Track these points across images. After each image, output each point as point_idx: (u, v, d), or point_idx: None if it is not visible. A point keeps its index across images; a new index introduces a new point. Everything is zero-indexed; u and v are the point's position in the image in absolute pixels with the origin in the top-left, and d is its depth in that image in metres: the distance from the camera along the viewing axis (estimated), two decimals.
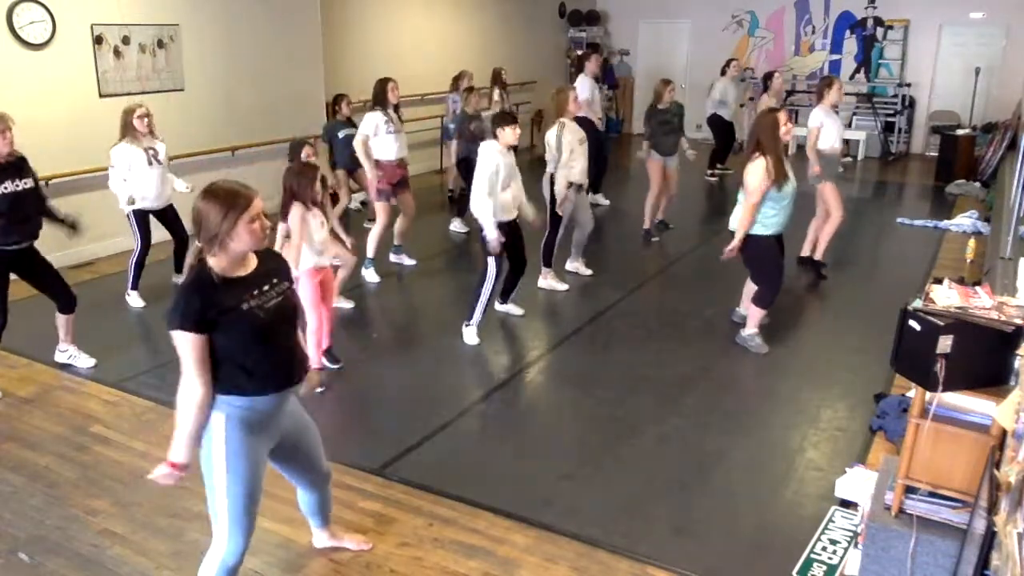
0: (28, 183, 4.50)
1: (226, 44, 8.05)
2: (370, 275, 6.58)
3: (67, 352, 4.94)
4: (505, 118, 5.28)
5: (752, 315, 5.20)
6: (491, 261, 5.27)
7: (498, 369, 5.04)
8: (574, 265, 6.74)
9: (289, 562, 3.11)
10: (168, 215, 6.00)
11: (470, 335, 5.37)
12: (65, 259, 6.39)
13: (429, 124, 10.67)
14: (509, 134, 5.18)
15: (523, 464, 3.88)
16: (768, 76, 9.71)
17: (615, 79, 14.53)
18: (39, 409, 4.37)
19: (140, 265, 5.98)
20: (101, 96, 7.02)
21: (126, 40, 7.14)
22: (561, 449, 3.99)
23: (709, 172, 10.96)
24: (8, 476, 3.71)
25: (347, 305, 5.94)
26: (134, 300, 6.03)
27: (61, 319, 4.85)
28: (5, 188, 4.36)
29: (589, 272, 6.72)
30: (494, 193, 5.12)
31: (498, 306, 5.79)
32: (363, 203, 7.21)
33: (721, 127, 10.77)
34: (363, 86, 8.97)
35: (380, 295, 6.46)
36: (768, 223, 4.93)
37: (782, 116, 4.90)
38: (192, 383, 2.36)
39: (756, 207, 4.86)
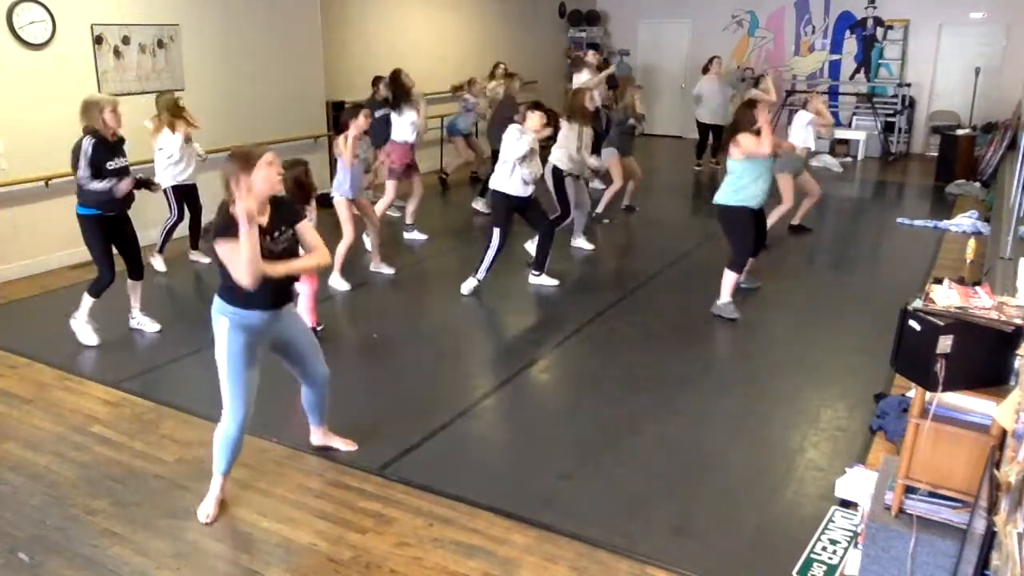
0: (125, 161, 5.02)
1: (226, 44, 8.04)
2: (413, 237, 7.79)
3: (136, 319, 5.38)
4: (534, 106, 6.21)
5: (726, 282, 5.71)
6: (496, 231, 6.13)
7: (498, 369, 5.04)
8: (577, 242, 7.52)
9: (289, 562, 3.12)
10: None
11: (467, 286, 6.20)
12: (74, 256, 6.45)
13: (429, 124, 10.61)
14: (535, 119, 6.06)
15: (523, 464, 3.88)
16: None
17: (615, 79, 14.50)
18: (39, 409, 4.36)
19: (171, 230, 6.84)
20: None
21: (126, 40, 7.14)
22: (561, 449, 3.99)
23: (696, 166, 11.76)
24: (8, 476, 3.70)
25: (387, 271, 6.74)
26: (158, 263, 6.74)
27: (131, 284, 5.28)
28: (112, 163, 4.88)
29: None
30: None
31: (532, 279, 6.44)
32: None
33: (698, 126, 11.66)
34: (363, 86, 9.02)
35: (379, 294, 6.46)
36: (742, 195, 5.54)
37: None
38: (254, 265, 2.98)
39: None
